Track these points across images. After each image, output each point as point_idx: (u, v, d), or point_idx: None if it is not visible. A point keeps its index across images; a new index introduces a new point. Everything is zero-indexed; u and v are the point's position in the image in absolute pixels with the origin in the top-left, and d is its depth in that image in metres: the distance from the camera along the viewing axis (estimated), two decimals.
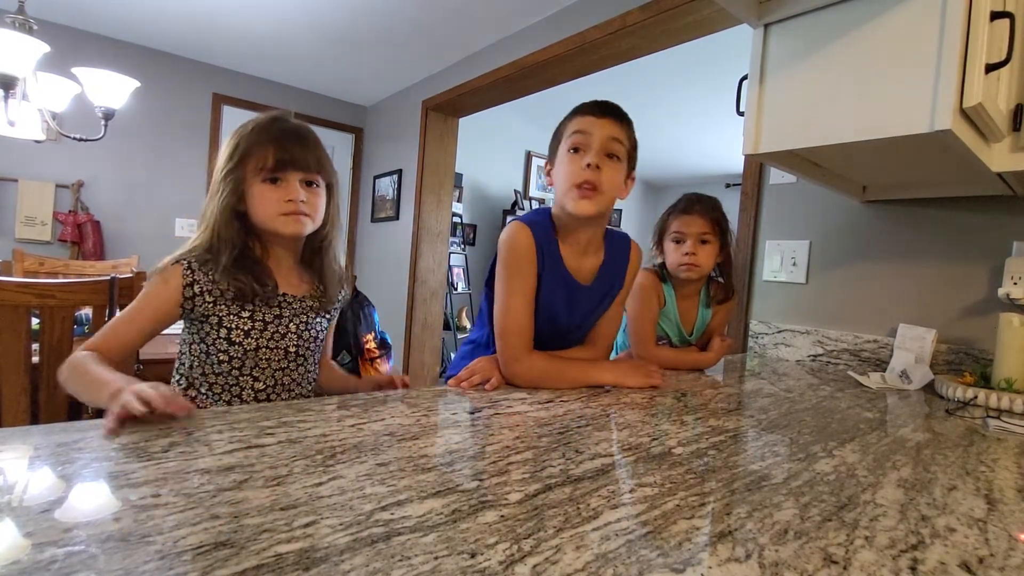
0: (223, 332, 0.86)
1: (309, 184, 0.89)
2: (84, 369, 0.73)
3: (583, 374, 0.97)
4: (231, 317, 0.86)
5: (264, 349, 0.88)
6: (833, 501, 0.51)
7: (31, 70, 1.72)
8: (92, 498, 0.42)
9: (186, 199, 3.39)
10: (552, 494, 0.48)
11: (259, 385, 0.90)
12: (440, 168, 3.33)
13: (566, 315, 1.02)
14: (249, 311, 0.87)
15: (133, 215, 3.23)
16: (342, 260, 1.02)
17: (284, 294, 0.92)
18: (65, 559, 0.32)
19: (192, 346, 0.89)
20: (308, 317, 0.94)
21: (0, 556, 0.32)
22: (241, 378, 0.88)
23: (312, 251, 0.97)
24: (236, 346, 0.86)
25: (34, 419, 1.15)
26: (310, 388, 0.98)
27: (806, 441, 0.71)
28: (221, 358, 0.87)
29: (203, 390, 0.89)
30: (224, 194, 0.85)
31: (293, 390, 0.94)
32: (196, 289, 0.84)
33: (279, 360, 0.91)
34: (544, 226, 0.99)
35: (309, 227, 0.89)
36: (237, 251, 0.86)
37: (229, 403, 0.88)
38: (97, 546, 0.34)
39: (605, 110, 0.97)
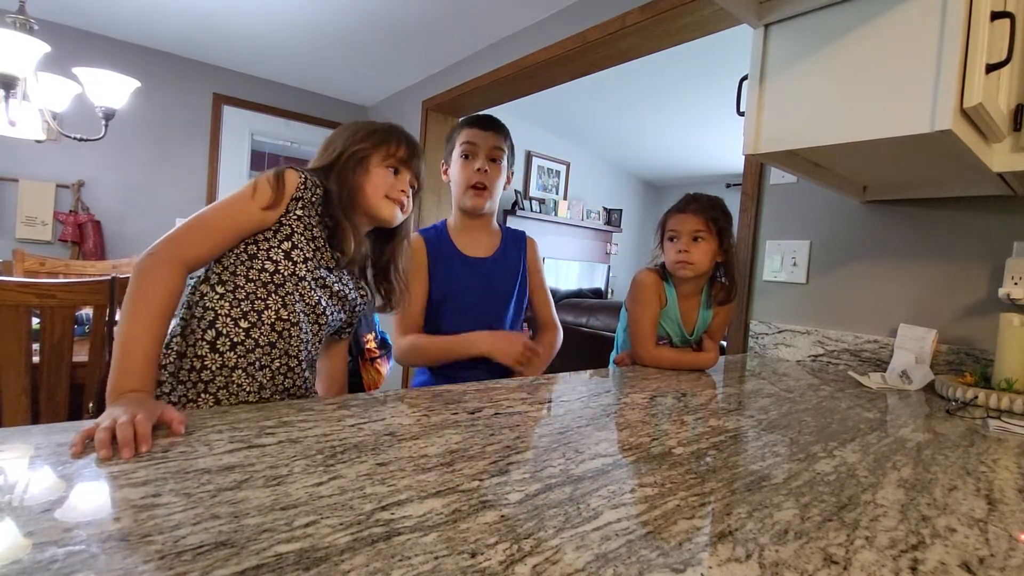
0: (287, 245, 0.85)
1: (412, 186, 1.00)
2: (130, 318, 0.70)
3: (454, 347, 1.18)
4: (302, 239, 0.87)
5: (304, 284, 0.86)
6: (833, 501, 0.51)
7: (32, 70, 1.73)
8: (92, 498, 0.42)
9: (186, 199, 3.39)
10: (552, 494, 0.48)
11: (284, 313, 0.84)
12: (440, 168, 3.33)
13: (476, 285, 1.25)
14: (317, 247, 0.90)
15: (133, 215, 3.23)
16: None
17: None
18: (65, 559, 0.32)
19: (239, 243, 0.84)
20: (347, 290, 0.98)
21: (0, 556, 0.32)
22: (271, 297, 0.83)
23: (385, 257, 1.04)
24: (288, 263, 0.85)
25: (34, 419, 1.15)
26: (310, 359, 0.93)
27: (806, 441, 0.71)
28: (267, 267, 0.83)
29: (226, 301, 0.82)
30: (355, 172, 0.93)
31: (303, 342, 0.88)
32: (301, 204, 0.87)
33: (307, 304, 0.88)
34: (437, 228, 1.30)
35: (400, 219, 0.99)
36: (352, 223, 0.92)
37: (244, 317, 0.82)
38: (97, 546, 0.34)
39: (488, 125, 1.24)
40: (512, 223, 4.28)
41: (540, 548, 0.38)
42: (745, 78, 0.98)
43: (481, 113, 1.27)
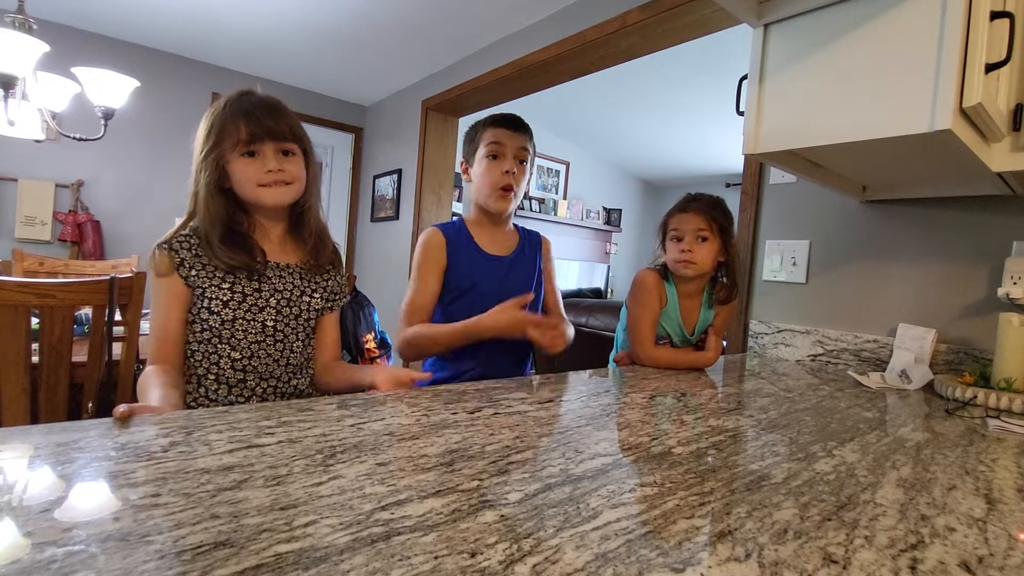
0: (204, 302, 0.90)
1: (285, 153, 0.92)
2: (143, 389, 0.81)
3: (464, 332, 1.12)
4: (212, 288, 0.90)
5: (240, 321, 0.91)
6: (833, 501, 0.51)
7: (31, 70, 1.72)
8: (92, 498, 0.42)
9: (185, 199, 3.38)
10: (552, 494, 0.48)
11: (235, 355, 0.92)
12: (440, 168, 3.33)
13: (494, 283, 1.23)
14: (230, 282, 0.90)
15: (133, 215, 3.23)
16: (338, 240, 1.09)
17: (277, 264, 0.96)
18: (65, 559, 0.32)
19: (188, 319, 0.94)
20: (292, 293, 0.96)
21: (0, 556, 0.32)
22: (219, 346, 0.91)
23: (295, 218, 1.00)
24: (214, 316, 0.89)
25: (34, 419, 1.15)
26: (291, 369, 0.98)
27: (806, 441, 0.71)
28: (202, 327, 0.91)
29: (197, 363, 0.93)
30: (207, 173, 0.89)
31: (270, 365, 0.95)
32: (186, 265, 0.89)
33: (255, 333, 0.92)
34: (455, 225, 1.27)
35: (291, 195, 0.93)
36: (225, 228, 0.90)
37: (208, 371, 0.92)
38: (97, 546, 0.34)
39: (516, 125, 1.21)
40: None
41: (540, 548, 0.38)
42: (745, 78, 0.98)
43: (507, 112, 1.24)
